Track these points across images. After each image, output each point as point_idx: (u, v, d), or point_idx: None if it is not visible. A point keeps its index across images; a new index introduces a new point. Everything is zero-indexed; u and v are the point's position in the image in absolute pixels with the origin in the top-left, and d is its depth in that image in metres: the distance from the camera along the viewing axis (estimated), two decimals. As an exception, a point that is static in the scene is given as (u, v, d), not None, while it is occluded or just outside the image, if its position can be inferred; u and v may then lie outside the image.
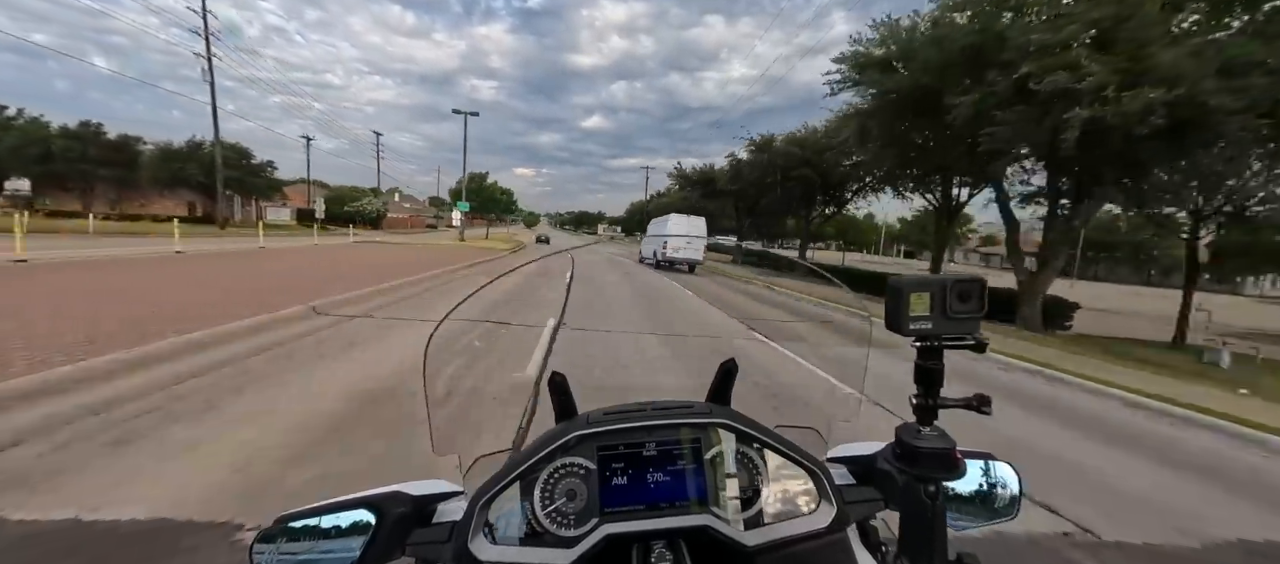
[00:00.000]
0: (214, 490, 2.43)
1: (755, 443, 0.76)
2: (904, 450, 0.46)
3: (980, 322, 0.46)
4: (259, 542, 0.66)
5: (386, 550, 0.68)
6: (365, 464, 2.77)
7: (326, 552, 0.66)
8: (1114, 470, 3.83)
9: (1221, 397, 6.85)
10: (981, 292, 0.45)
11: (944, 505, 0.45)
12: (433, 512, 0.75)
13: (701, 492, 0.72)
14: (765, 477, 0.76)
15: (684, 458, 0.74)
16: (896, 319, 0.46)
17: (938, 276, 0.45)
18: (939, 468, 0.44)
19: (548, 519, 0.71)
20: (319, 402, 3.68)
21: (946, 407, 0.47)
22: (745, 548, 0.69)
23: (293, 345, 5.22)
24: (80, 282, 8.04)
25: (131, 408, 3.33)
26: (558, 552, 0.67)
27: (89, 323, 5.30)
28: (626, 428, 0.74)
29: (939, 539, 0.45)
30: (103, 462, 2.64)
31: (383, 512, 0.68)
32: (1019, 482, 0.81)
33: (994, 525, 0.79)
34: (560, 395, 0.85)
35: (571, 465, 0.73)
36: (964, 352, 0.45)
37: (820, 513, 0.74)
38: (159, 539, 2.08)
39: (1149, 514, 3.11)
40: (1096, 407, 5.85)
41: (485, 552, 0.67)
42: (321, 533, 0.66)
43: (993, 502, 0.78)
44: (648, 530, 0.69)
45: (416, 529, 0.71)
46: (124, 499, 2.30)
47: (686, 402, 0.81)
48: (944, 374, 0.46)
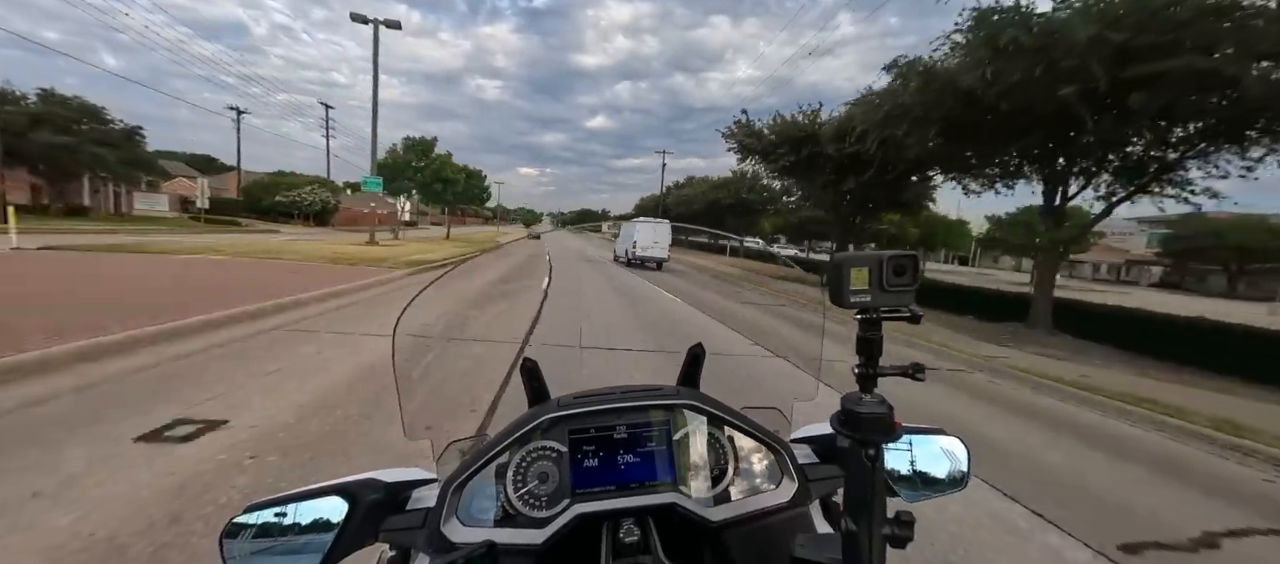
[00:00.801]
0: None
1: (722, 424, 0.79)
2: (847, 417, 0.49)
3: (914, 294, 0.50)
4: (228, 532, 0.66)
5: (360, 537, 0.69)
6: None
7: (299, 539, 0.67)
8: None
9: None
10: (915, 266, 0.49)
11: (883, 466, 0.48)
12: (406, 498, 0.76)
13: (670, 471, 0.75)
14: (731, 456, 0.79)
15: (653, 439, 0.77)
16: (839, 293, 0.49)
17: (875, 253, 0.49)
18: (878, 431, 0.48)
19: (520, 501, 0.72)
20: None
21: (886, 374, 0.51)
22: (711, 523, 0.72)
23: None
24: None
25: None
26: (530, 531, 0.69)
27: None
28: (597, 411, 0.76)
29: (878, 498, 0.48)
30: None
31: (356, 499, 0.69)
32: (968, 456, 0.86)
33: (944, 496, 0.83)
34: (533, 380, 0.87)
35: (544, 449, 0.75)
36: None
37: (783, 489, 0.77)
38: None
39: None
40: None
41: (458, 534, 0.69)
42: (294, 520, 0.67)
43: (944, 475, 0.83)
44: (617, 509, 0.71)
45: (390, 515, 0.72)
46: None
47: (656, 385, 0.84)
48: (882, 343, 0.50)
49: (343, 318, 6.62)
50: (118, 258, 10.60)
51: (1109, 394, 6.05)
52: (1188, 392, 6.83)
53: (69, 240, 13.57)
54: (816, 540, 0.59)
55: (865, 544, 0.48)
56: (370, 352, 5.00)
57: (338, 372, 4.31)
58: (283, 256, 12.61)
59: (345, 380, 4.09)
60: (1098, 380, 6.85)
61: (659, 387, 0.83)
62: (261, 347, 4.97)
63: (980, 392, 6.06)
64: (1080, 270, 47.54)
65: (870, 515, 0.48)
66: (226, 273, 9.30)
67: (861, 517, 0.48)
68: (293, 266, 10.79)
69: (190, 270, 9.34)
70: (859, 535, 0.48)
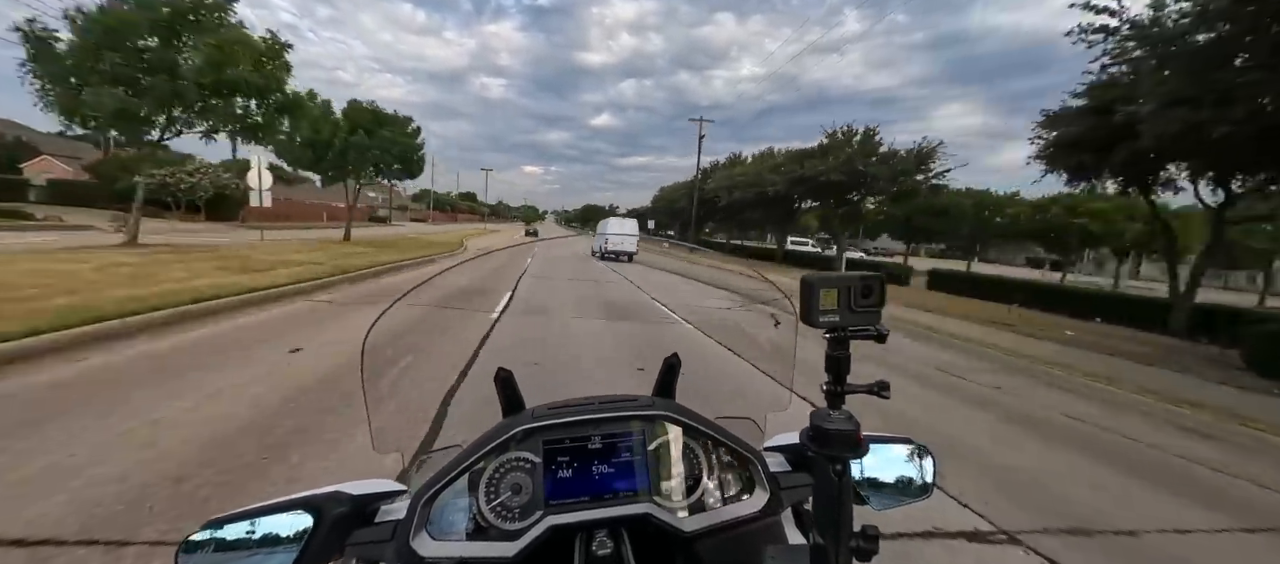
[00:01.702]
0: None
1: (696, 434, 0.80)
2: (816, 433, 0.51)
3: (879, 314, 0.52)
4: (186, 548, 0.63)
5: (325, 552, 0.67)
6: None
7: (261, 555, 0.64)
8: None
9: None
10: (881, 287, 0.51)
11: (850, 481, 0.50)
12: (375, 511, 0.74)
13: (645, 482, 0.76)
14: (705, 466, 0.80)
15: (629, 450, 0.77)
16: (809, 313, 0.51)
17: (844, 275, 0.51)
18: (845, 447, 0.49)
19: (493, 513, 0.72)
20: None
21: (853, 391, 0.52)
22: (684, 534, 0.72)
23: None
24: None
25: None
26: (502, 544, 0.69)
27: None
28: (572, 421, 0.76)
29: (846, 512, 0.50)
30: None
31: (321, 513, 0.67)
32: (934, 466, 0.89)
33: (912, 504, 0.86)
34: (506, 391, 0.86)
35: (518, 460, 0.74)
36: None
37: (755, 498, 0.78)
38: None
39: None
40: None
41: (427, 548, 0.68)
42: (256, 536, 0.65)
43: (910, 483, 0.86)
44: (591, 520, 0.71)
45: (357, 529, 0.70)
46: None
47: (632, 396, 0.84)
48: (850, 362, 0.52)
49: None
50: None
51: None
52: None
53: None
54: (786, 552, 0.61)
55: (832, 558, 0.50)
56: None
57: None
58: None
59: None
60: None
61: (634, 397, 0.83)
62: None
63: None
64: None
65: (837, 529, 0.50)
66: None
67: (829, 530, 0.50)
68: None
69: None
70: (826, 549, 0.50)
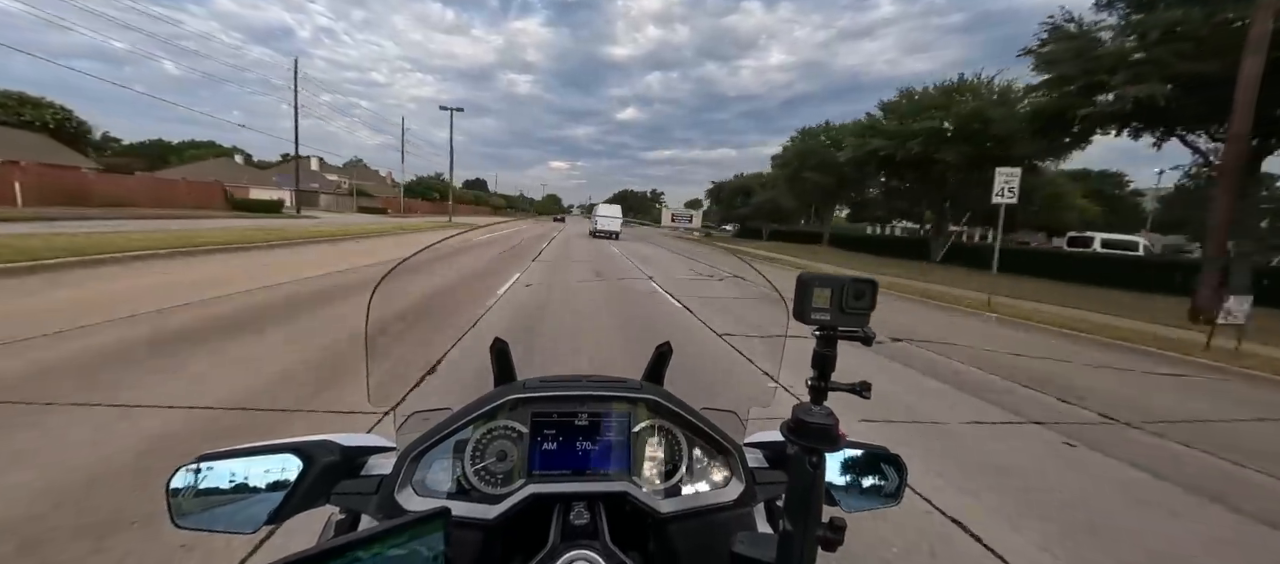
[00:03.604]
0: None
1: (679, 421, 0.82)
2: (796, 424, 0.53)
3: (868, 317, 0.53)
4: (176, 481, 0.65)
5: (311, 497, 0.69)
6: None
7: (250, 495, 0.67)
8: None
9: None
10: (873, 291, 0.53)
11: (824, 474, 0.52)
12: (362, 464, 0.76)
13: (625, 462, 0.78)
14: (686, 453, 0.82)
15: (612, 430, 0.79)
16: (802, 310, 0.52)
17: (838, 275, 0.52)
18: (822, 440, 0.51)
19: (477, 476, 0.74)
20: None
21: (836, 389, 0.54)
22: (659, 515, 0.75)
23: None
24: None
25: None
26: (484, 507, 0.71)
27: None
28: (561, 396, 0.78)
29: (816, 503, 0.52)
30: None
31: (311, 459, 0.69)
32: (905, 476, 0.91)
33: (883, 509, 0.89)
34: (500, 360, 0.88)
35: (506, 428, 0.76)
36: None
37: (731, 488, 0.81)
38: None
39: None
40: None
41: (412, 503, 0.70)
42: (246, 475, 0.67)
43: (881, 488, 0.88)
44: (570, 493, 0.73)
45: (343, 479, 0.72)
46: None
47: (621, 378, 0.86)
48: (836, 361, 0.53)
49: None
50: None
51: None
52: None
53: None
54: (754, 538, 0.63)
55: (798, 545, 0.52)
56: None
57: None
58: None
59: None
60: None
61: (624, 380, 0.85)
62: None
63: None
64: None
65: (806, 518, 0.52)
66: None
67: (798, 519, 0.52)
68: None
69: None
70: (794, 536, 0.52)
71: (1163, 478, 3.19)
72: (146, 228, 13.96)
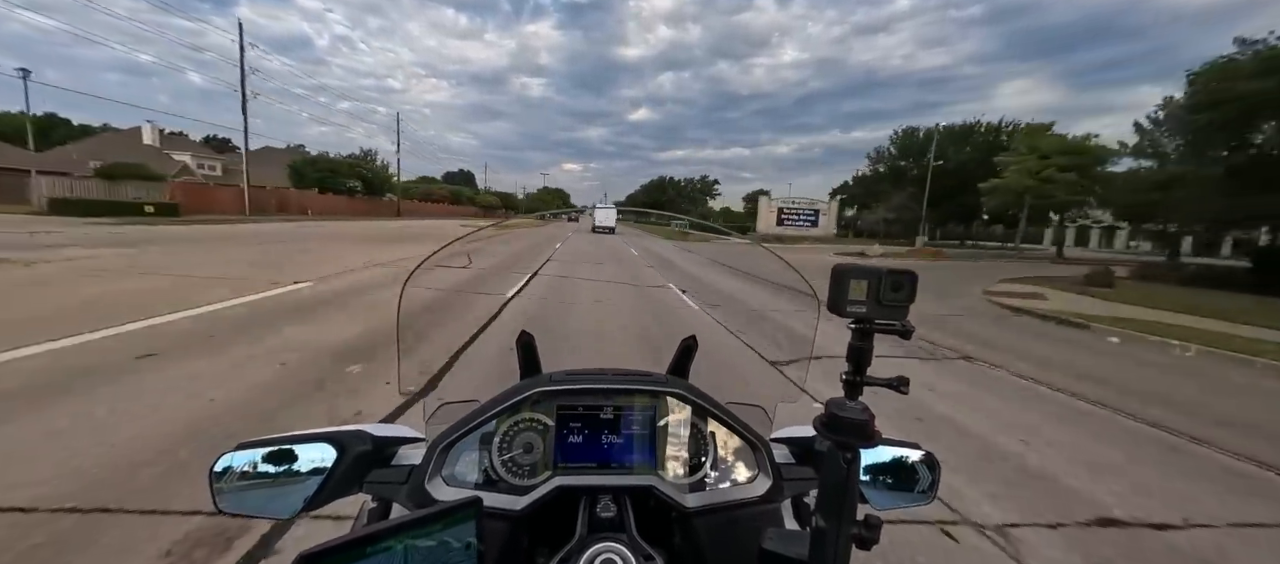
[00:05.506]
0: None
1: (705, 415, 0.81)
2: (830, 419, 0.51)
3: (907, 310, 0.51)
4: (219, 467, 0.67)
5: (345, 485, 0.71)
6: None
7: (288, 481, 0.68)
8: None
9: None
10: (912, 283, 0.51)
11: (858, 470, 0.50)
12: (393, 454, 0.78)
13: (650, 455, 0.77)
14: (712, 447, 0.81)
15: (638, 423, 0.79)
16: (837, 302, 0.51)
17: (875, 267, 0.50)
18: (857, 436, 0.50)
19: (504, 468, 0.74)
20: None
21: (871, 384, 0.52)
22: (685, 509, 0.74)
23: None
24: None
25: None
26: (510, 497, 0.71)
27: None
28: (587, 389, 0.78)
29: (850, 500, 0.50)
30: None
31: (344, 448, 0.70)
32: (938, 475, 0.89)
33: (913, 507, 0.87)
34: (526, 353, 0.89)
35: (532, 420, 0.77)
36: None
37: (758, 483, 0.80)
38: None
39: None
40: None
41: (441, 492, 0.71)
42: (284, 462, 0.68)
43: (913, 487, 0.86)
44: (596, 485, 0.73)
45: (376, 468, 0.74)
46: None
47: (646, 371, 0.85)
48: (872, 354, 0.52)
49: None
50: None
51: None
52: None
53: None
54: (785, 535, 0.61)
55: (833, 542, 0.50)
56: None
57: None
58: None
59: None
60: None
61: (649, 373, 0.85)
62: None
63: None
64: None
65: (840, 515, 0.50)
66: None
67: (832, 516, 0.50)
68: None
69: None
70: (827, 533, 0.51)
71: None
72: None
